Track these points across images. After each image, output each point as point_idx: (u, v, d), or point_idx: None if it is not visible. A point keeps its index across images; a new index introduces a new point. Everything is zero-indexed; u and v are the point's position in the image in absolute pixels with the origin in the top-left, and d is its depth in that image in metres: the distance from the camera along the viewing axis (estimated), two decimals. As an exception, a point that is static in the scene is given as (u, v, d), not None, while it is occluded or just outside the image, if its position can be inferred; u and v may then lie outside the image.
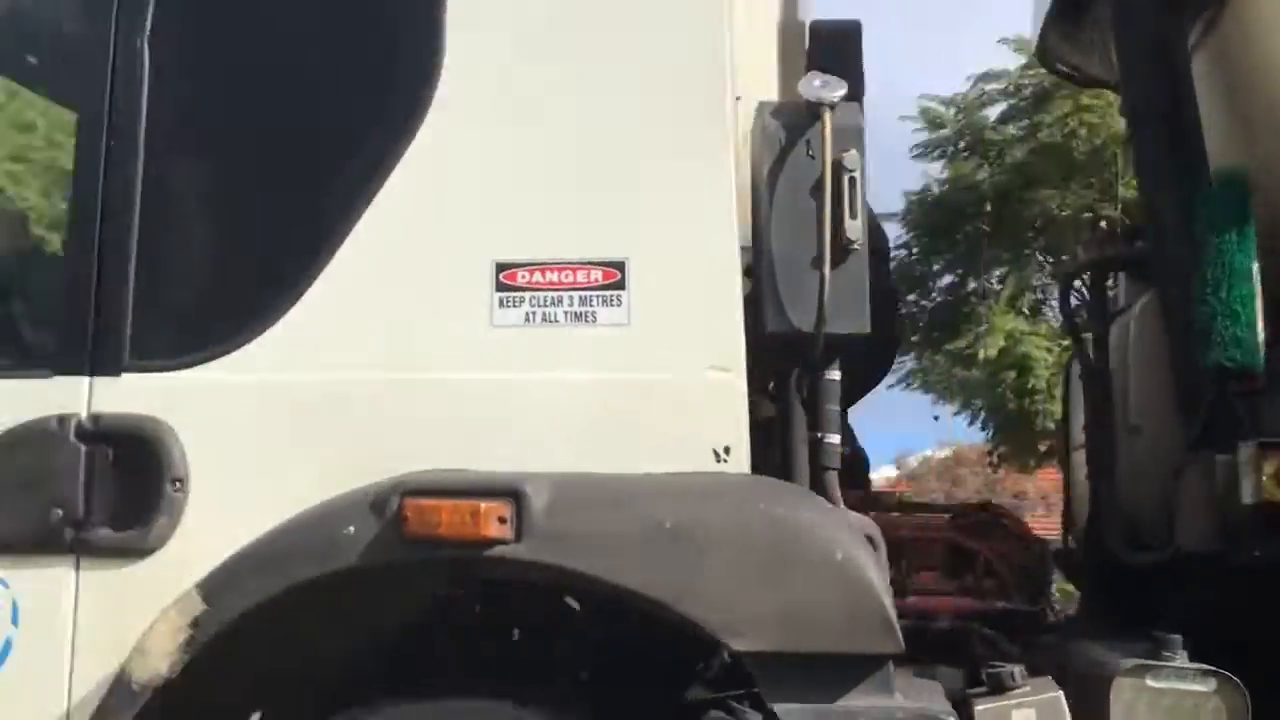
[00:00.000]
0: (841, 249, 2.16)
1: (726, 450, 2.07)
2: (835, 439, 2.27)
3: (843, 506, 2.19)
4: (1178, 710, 2.25)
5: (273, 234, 2.35)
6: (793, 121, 2.19)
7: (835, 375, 2.28)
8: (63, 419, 2.18)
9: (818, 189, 2.14)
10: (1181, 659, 2.30)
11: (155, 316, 2.26)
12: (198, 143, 2.42)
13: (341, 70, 2.34)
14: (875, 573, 1.90)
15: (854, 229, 2.17)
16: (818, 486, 2.20)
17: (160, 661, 2.02)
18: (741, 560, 1.90)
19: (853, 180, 2.17)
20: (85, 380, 2.22)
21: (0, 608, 2.18)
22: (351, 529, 1.98)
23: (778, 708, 1.84)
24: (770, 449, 2.28)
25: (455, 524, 1.91)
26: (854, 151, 2.17)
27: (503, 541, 1.92)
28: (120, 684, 2.04)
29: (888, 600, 1.88)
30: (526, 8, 2.26)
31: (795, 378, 2.26)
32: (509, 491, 1.94)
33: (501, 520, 1.92)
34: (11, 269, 2.72)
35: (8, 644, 2.18)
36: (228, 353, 2.22)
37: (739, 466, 2.08)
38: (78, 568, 2.18)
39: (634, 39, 2.23)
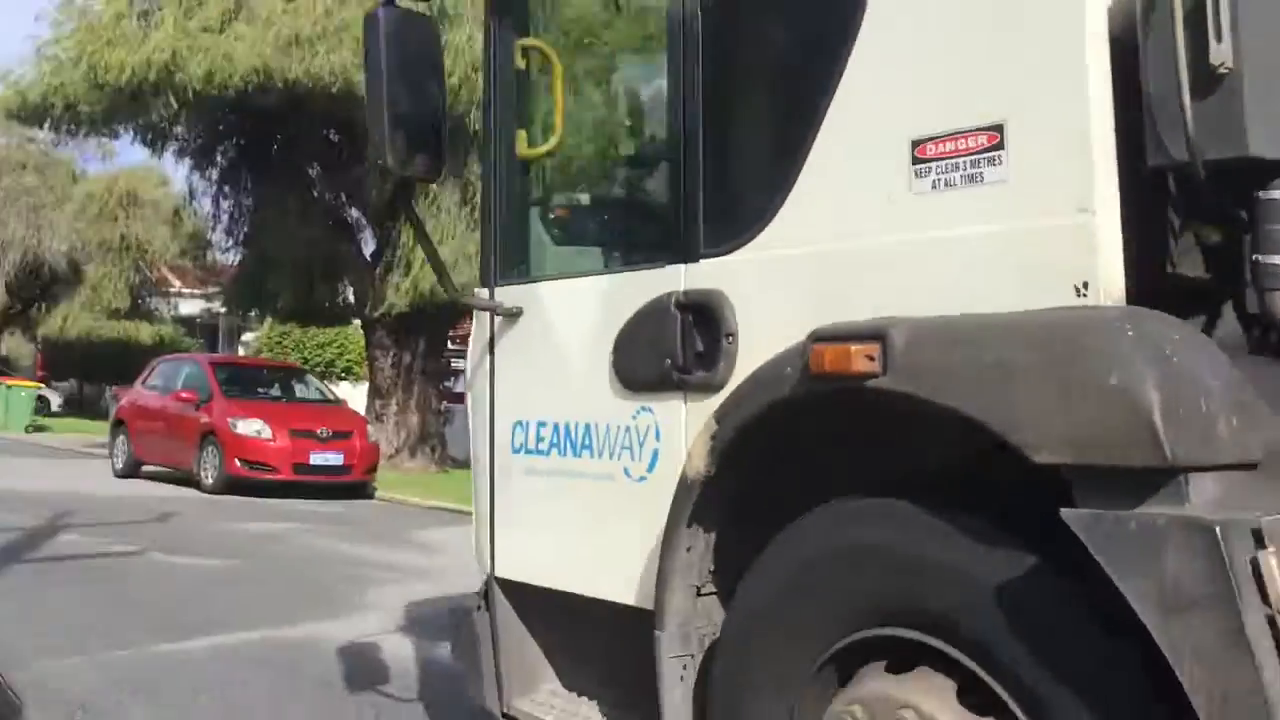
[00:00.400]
0: (1207, 74, 2.12)
1: (1085, 285, 2.23)
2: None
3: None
4: None
5: (777, 143, 3.04)
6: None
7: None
8: (668, 295, 3.15)
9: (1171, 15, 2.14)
10: None
11: (715, 218, 3.10)
12: (737, 87, 3.19)
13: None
14: (1153, 391, 1.96)
15: (1219, 52, 2.11)
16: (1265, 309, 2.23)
17: (699, 463, 2.89)
18: (1041, 383, 2.11)
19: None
20: (680, 268, 3.16)
21: (650, 428, 3.26)
22: (787, 368, 2.62)
23: (1073, 516, 2.04)
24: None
25: (836, 362, 2.44)
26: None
27: (872, 375, 2.40)
28: (683, 481, 2.95)
29: (1158, 416, 1.94)
30: None
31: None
32: (877, 334, 2.40)
33: (869, 358, 2.39)
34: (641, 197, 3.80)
35: (655, 455, 3.24)
36: (753, 239, 2.97)
37: (1102, 299, 2.22)
38: (685, 401, 3.14)
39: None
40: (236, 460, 17.44)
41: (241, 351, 36.51)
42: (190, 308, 45.33)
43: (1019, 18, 2.39)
